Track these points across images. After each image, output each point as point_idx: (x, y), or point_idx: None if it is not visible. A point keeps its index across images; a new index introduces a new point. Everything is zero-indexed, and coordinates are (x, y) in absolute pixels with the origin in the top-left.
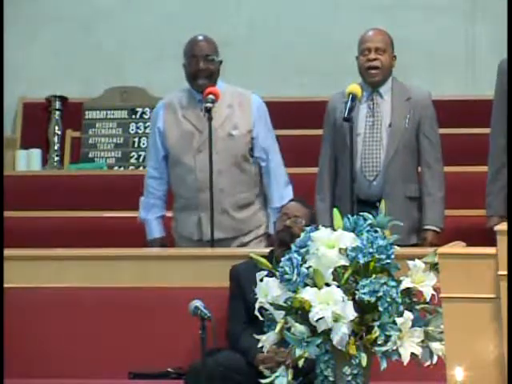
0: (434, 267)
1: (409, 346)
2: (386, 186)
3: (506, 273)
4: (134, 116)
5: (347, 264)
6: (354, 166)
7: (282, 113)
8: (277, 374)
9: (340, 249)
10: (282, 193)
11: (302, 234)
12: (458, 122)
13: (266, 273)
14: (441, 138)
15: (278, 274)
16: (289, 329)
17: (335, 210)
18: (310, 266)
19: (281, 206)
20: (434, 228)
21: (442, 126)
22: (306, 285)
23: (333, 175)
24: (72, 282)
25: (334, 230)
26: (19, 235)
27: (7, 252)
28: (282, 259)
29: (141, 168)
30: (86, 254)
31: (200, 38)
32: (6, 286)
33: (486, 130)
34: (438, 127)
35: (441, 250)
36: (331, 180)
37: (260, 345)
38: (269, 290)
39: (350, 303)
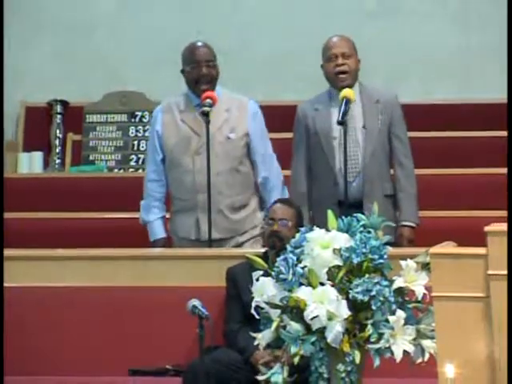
0: (425, 267)
1: (401, 343)
2: (366, 186)
3: (495, 272)
4: (133, 120)
5: (341, 264)
6: (333, 168)
7: (280, 116)
8: (273, 371)
9: (334, 249)
10: (278, 195)
11: (297, 235)
12: (451, 126)
13: (261, 273)
14: (433, 141)
15: (273, 273)
16: (284, 327)
17: (329, 211)
18: (305, 266)
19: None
20: (411, 224)
21: (433, 130)
22: (301, 284)
23: (308, 180)
24: (73, 281)
25: (328, 230)
26: (21, 236)
27: (9, 252)
28: (278, 259)
29: (140, 170)
30: (87, 255)
31: (199, 43)
32: (7, 285)
33: (478, 134)
34: (407, 126)
35: (432, 250)
36: (307, 185)
37: (256, 343)
38: (265, 290)
39: (344, 302)
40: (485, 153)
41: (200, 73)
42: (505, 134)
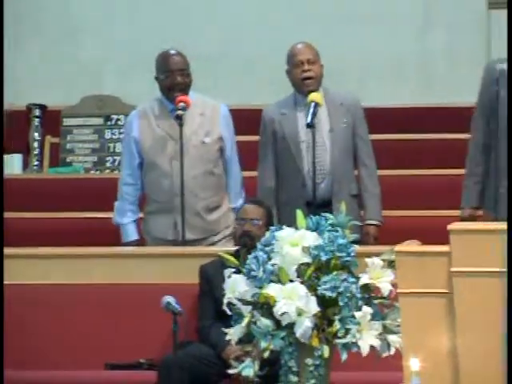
0: (390, 264)
1: (368, 338)
2: (334, 187)
3: (458, 269)
4: (109, 123)
5: (310, 261)
6: (302, 171)
7: (252, 119)
8: (244, 365)
9: (303, 247)
10: (238, 195)
11: (267, 233)
12: (413, 128)
13: (233, 270)
14: (396, 143)
15: (244, 271)
16: (255, 323)
17: (298, 211)
18: (275, 264)
19: (237, 210)
20: (376, 222)
21: (397, 132)
22: (271, 281)
23: (275, 183)
24: (49, 279)
25: (297, 229)
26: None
27: None
28: (249, 257)
29: (116, 172)
30: (64, 253)
31: (173, 52)
32: None
33: (439, 136)
34: (370, 129)
35: (397, 248)
36: (275, 187)
37: (228, 338)
38: (236, 286)
39: (313, 298)
40: (447, 154)
41: (174, 81)
42: (465, 136)
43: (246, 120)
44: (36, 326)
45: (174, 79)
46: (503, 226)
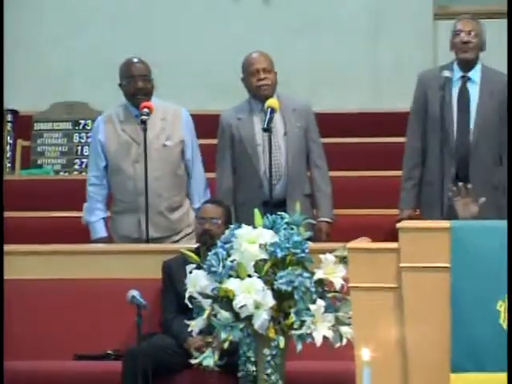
0: (343, 260)
1: (321, 329)
2: (289, 187)
3: (406, 265)
4: (77, 127)
5: (267, 258)
6: (259, 172)
7: (209, 124)
8: (205, 355)
9: (260, 244)
10: (202, 195)
11: (226, 231)
12: (362, 133)
13: (194, 266)
14: (346, 146)
15: (205, 266)
16: (215, 315)
17: (256, 210)
18: (234, 260)
19: (198, 208)
20: (328, 219)
21: (347, 136)
22: (230, 276)
23: (233, 183)
24: (24, 274)
25: (255, 227)
26: None
27: None
28: (209, 254)
29: (84, 173)
30: (37, 250)
31: (135, 59)
32: None
33: (389, 139)
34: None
35: (349, 245)
36: (233, 187)
37: (190, 329)
38: (197, 281)
39: (269, 292)
40: (394, 157)
41: (136, 87)
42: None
43: (202, 124)
44: (8, 317)
45: (136, 85)
46: (448, 224)
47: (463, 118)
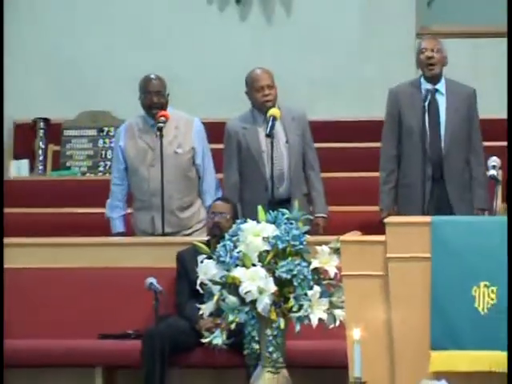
0: (336, 251)
1: (317, 312)
2: (292, 188)
3: (392, 255)
4: (101, 133)
5: (269, 249)
6: (264, 175)
7: (219, 130)
8: (214, 335)
9: (263, 237)
10: (213, 195)
11: (233, 226)
12: (353, 138)
13: (205, 256)
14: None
15: (214, 257)
16: (223, 300)
17: (259, 207)
18: (240, 251)
19: (209, 206)
20: (323, 215)
21: (339, 141)
22: (236, 265)
23: (239, 182)
24: (56, 263)
25: (258, 222)
26: (10, 228)
27: (7, 240)
28: (218, 245)
29: (107, 174)
30: (64, 242)
31: (152, 76)
32: (6, 266)
33: (376, 144)
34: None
35: (342, 238)
36: (239, 186)
37: (201, 312)
38: (208, 270)
39: (271, 279)
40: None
41: (151, 101)
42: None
43: (213, 131)
44: (44, 301)
45: (151, 99)
46: (428, 219)
47: (434, 125)
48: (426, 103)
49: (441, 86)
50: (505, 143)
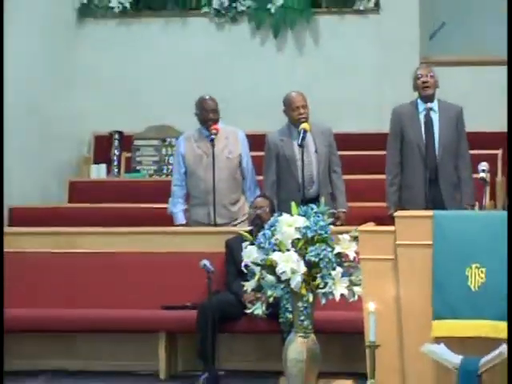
0: (355, 239)
1: (339, 289)
2: (321, 189)
3: (401, 242)
4: (164, 143)
5: (300, 237)
6: (298, 179)
7: (258, 141)
8: (256, 306)
9: (296, 227)
10: (253, 192)
11: (271, 218)
12: (370, 147)
13: (248, 243)
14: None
15: (256, 243)
16: (263, 278)
17: (292, 203)
18: (277, 239)
19: (251, 202)
20: (344, 210)
21: (360, 150)
22: (274, 250)
23: (276, 186)
24: (129, 248)
25: (292, 215)
26: (90, 219)
27: (85, 229)
28: (259, 234)
29: (169, 177)
30: (136, 231)
31: (207, 97)
32: (84, 250)
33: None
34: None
35: (359, 228)
36: (276, 188)
37: (245, 288)
38: (251, 254)
39: (302, 262)
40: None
41: (208, 117)
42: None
43: (255, 141)
44: (120, 280)
45: (208, 116)
46: (431, 213)
47: (430, 137)
48: (423, 120)
49: (434, 105)
50: (492, 151)
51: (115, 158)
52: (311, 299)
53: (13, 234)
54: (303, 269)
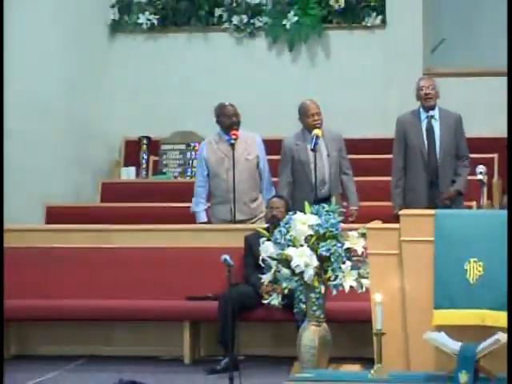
0: (363, 235)
1: (349, 281)
2: (332, 190)
3: (405, 239)
4: (188, 148)
5: (313, 233)
6: (311, 181)
7: (274, 144)
8: (272, 297)
9: (309, 225)
10: (269, 192)
11: (286, 217)
12: (377, 151)
13: (265, 239)
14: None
15: (272, 239)
16: (279, 271)
17: (306, 202)
18: (292, 235)
19: (268, 200)
20: (356, 207)
21: (367, 154)
22: (289, 246)
23: (291, 187)
24: (159, 244)
25: (305, 214)
26: (120, 217)
27: (118, 226)
28: (275, 231)
29: (193, 178)
30: (163, 228)
31: (227, 103)
32: (117, 246)
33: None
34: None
35: (367, 225)
36: (291, 189)
37: (262, 280)
38: (267, 249)
39: (315, 256)
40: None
41: (230, 122)
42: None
43: (271, 146)
44: (148, 273)
45: (230, 121)
46: (433, 212)
47: (431, 143)
48: (425, 127)
49: (435, 113)
50: (490, 155)
51: (144, 161)
52: (323, 291)
53: (50, 231)
54: (315, 263)
